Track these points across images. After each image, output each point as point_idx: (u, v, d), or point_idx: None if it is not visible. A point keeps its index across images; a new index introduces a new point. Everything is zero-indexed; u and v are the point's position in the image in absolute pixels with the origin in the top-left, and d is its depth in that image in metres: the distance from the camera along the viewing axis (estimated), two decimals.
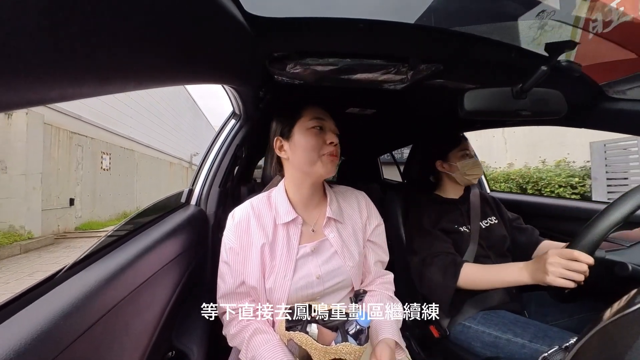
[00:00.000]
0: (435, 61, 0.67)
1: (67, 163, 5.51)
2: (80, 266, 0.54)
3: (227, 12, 0.42)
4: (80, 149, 5.88)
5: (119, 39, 0.27)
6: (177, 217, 0.88)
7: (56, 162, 5.16)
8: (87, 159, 6.12)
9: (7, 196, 4.26)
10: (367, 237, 0.79)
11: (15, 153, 4.35)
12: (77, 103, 5.82)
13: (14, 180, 4.36)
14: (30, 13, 0.19)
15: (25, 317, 0.39)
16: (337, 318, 0.60)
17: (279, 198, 0.75)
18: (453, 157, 1.07)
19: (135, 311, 0.58)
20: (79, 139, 5.85)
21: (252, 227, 0.72)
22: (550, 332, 0.80)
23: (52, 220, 5.10)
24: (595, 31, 0.63)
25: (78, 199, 5.83)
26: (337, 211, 0.77)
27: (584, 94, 0.81)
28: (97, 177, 6.53)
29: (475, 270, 0.88)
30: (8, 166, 4.30)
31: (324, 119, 0.73)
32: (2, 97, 0.20)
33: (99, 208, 6.63)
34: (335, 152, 0.71)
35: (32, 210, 4.62)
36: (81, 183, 5.95)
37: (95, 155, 6.44)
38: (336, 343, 0.57)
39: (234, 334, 0.67)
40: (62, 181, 5.35)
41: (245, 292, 0.71)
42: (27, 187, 4.50)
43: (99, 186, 6.57)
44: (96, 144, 6.46)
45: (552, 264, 0.71)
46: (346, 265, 0.72)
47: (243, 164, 1.39)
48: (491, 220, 1.07)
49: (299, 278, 0.68)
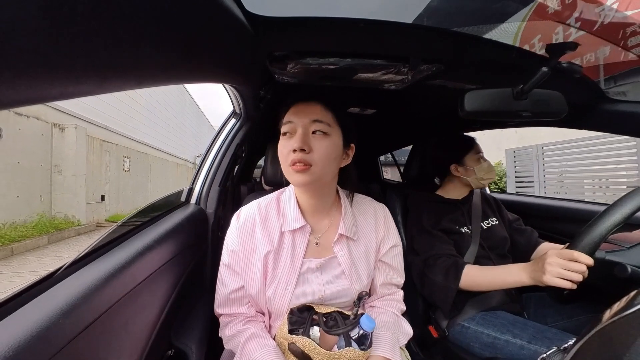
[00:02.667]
0: (436, 61, 0.67)
1: (99, 166, 6.73)
2: (80, 264, 0.54)
3: (228, 11, 0.42)
4: (108, 154, 7.10)
5: (120, 37, 0.27)
6: (177, 216, 0.88)
7: (91, 165, 6.38)
8: (113, 162, 7.34)
9: (62, 192, 5.60)
10: (380, 257, 0.73)
11: (67, 159, 5.62)
12: (104, 114, 7.36)
13: (67, 180, 5.63)
14: (31, 12, 0.19)
15: (25, 315, 0.39)
16: (340, 330, 0.57)
17: (288, 202, 0.70)
18: (469, 161, 1.05)
19: (135, 310, 0.58)
20: (107, 146, 7.06)
21: (257, 231, 0.67)
22: (548, 333, 0.80)
23: (89, 212, 6.28)
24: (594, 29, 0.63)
25: (107, 196, 7.07)
26: (351, 227, 0.69)
27: (585, 96, 0.81)
28: (120, 177, 7.71)
29: (476, 272, 0.88)
30: (62, 169, 5.59)
31: (293, 120, 0.63)
32: (3, 95, 0.20)
33: (122, 203, 7.77)
34: (298, 159, 0.59)
35: (79, 203, 5.81)
36: (109, 182, 7.15)
37: (119, 159, 7.63)
38: (339, 348, 0.55)
39: (229, 336, 0.65)
40: (95, 181, 6.58)
41: (244, 297, 0.68)
42: (76, 185, 5.71)
43: (122, 185, 7.75)
44: (119, 149, 7.63)
45: (550, 263, 0.71)
46: (352, 287, 0.66)
47: (243, 163, 1.39)
48: (492, 221, 1.07)
49: (300, 294, 0.64)
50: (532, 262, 0.79)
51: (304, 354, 0.56)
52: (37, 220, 4.96)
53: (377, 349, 0.60)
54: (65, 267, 0.52)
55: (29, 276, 2.83)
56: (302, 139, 0.60)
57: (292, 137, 0.62)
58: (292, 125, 0.63)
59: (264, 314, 0.69)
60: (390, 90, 0.83)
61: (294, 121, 0.63)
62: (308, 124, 0.62)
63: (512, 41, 0.66)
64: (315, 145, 0.61)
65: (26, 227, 4.63)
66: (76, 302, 0.43)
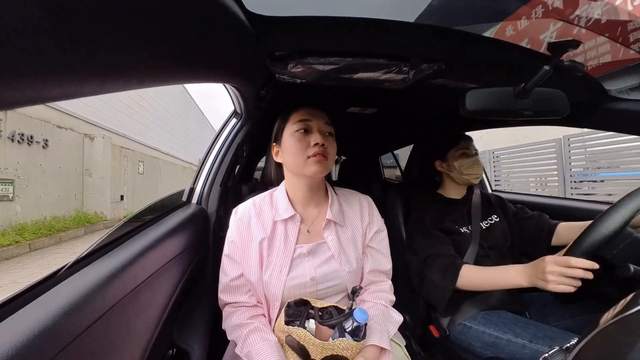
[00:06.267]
0: (437, 60, 0.66)
1: (119, 169, 7.71)
2: (82, 264, 0.54)
3: (228, 11, 0.42)
4: (125, 159, 8.09)
5: (121, 37, 0.27)
6: (179, 216, 0.89)
7: (113, 169, 7.32)
8: (130, 166, 8.35)
9: (92, 192, 6.70)
10: (367, 242, 0.78)
11: (96, 164, 6.73)
12: (123, 124, 8.66)
13: (96, 182, 6.73)
14: (32, 13, 0.19)
15: (28, 315, 0.40)
16: (333, 320, 0.60)
17: (279, 196, 0.77)
18: (451, 157, 1.07)
19: (137, 309, 0.59)
20: (125, 152, 8.09)
21: (253, 223, 0.74)
22: (550, 333, 0.80)
23: (112, 210, 7.25)
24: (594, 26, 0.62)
25: (125, 195, 8.06)
26: (338, 213, 0.76)
27: (587, 94, 0.81)
28: (136, 180, 8.78)
29: (474, 272, 0.88)
30: (92, 173, 6.70)
31: (310, 119, 0.72)
32: (4, 95, 0.20)
33: (137, 202, 8.69)
34: (321, 151, 0.69)
35: (105, 202, 6.88)
36: (127, 184, 8.14)
37: (135, 163, 8.68)
38: (334, 339, 0.57)
39: (233, 327, 0.69)
40: (116, 182, 7.55)
41: (244, 284, 0.72)
42: (102, 186, 6.78)
43: (137, 186, 8.81)
44: (135, 154, 8.73)
45: (551, 272, 0.72)
46: (342, 269, 0.71)
47: (244, 162, 1.39)
48: (491, 220, 1.07)
49: (293, 277, 0.69)
50: (530, 265, 0.79)
51: (300, 346, 0.58)
52: (74, 215, 6.09)
53: (367, 339, 0.64)
54: (67, 266, 0.52)
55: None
56: (323, 136, 0.72)
57: (308, 134, 0.72)
58: (309, 123, 0.73)
59: (263, 303, 0.73)
60: (391, 90, 0.83)
61: (312, 120, 0.73)
62: (323, 125, 0.74)
63: (513, 39, 0.66)
64: (328, 143, 0.72)
65: (66, 220, 5.72)
66: (78, 301, 0.43)
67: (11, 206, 4.64)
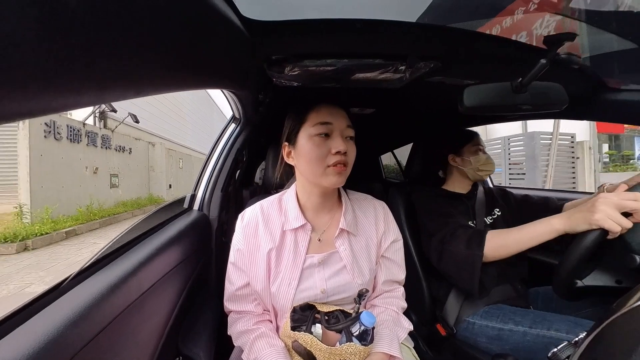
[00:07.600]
0: (433, 58, 0.66)
1: (166, 165, 10.53)
2: (85, 275, 0.54)
3: (224, 17, 0.42)
4: (171, 157, 11.05)
5: (118, 47, 0.27)
6: (181, 223, 0.89)
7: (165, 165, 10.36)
8: (174, 163, 11.35)
9: (155, 182, 9.99)
10: (382, 253, 0.74)
11: (156, 163, 10.04)
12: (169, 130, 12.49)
13: (157, 175, 10.05)
14: (29, 23, 0.19)
15: (33, 326, 0.39)
16: (340, 325, 0.59)
17: (289, 202, 0.72)
18: (467, 152, 1.06)
19: (142, 318, 0.58)
20: (171, 152, 11.09)
21: (260, 230, 0.69)
22: (548, 317, 0.81)
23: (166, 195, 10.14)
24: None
25: (172, 185, 10.87)
26: (352, 222, 0.71)
27: (585, 86, 0.81)
28: (177, 173, 11.72)
29: (500, 234, 0.82)
30: (155, 169, 9.96)
31: (332, 122, 0.65)
32: (4, 108, 0.20)
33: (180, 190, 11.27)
34: (343, 160, 0.63)
35: (162, 189, 10.02)
36: (172, 177, 11.03)
37: (176, 160, 11.73)
38: (341, 344, 0.57)
39: (239, 333, 0.67)
40: (167, 175, 10.48)
41: (250, 294, 0.70)
42: (161, 178, 10.06)
43: (178, 178, 11.66)
44: (176, 154, 11.82)
45: (604, 202, 0.65)
46: (354, 282, 0.67)
47: (244, 167, 1.39)
48: (494, 215, 1.06)
49: (303, 289, 0.66)
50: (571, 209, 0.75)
51: (307, 351, 0.57)
52: (148, 197, 9.35)
53: (376, 346, 0.62)
54: (70, 278, 0.52)
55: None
56: (345, 142, 0.64)
57: (328, 138, 0.64)
58: (331, 126, 0.65)
59: (270, 312, 0.71)
60: (389, 89, 0.83)
61: (333, 123, 0.65)
62: (345, 129, 0.66)
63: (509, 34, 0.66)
64: (348, 149, 0.65)
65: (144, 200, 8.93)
66: (82, 313, 0.43)
67: (117, 191, 7.94)
